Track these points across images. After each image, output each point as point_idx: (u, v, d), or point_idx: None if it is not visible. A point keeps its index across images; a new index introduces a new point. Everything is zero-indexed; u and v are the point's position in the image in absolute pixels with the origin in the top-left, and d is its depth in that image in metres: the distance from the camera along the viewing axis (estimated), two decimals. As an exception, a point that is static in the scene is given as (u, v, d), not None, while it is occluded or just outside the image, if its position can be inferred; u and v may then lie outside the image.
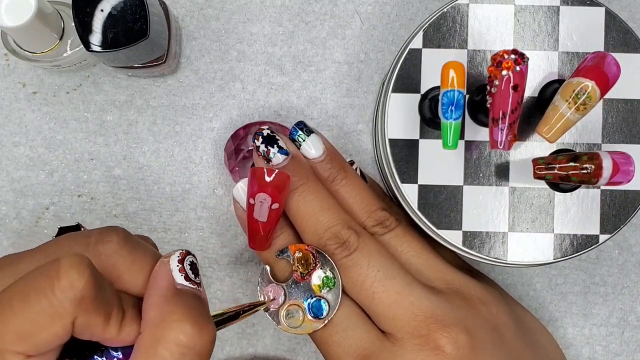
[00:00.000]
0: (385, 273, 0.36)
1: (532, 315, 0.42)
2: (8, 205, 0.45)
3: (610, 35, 0.38)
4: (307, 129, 0.40)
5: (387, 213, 0.39)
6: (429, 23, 0.39)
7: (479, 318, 0.37)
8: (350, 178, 0.40)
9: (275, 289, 0.37)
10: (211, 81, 0.46)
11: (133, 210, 0.46)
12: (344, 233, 0.37)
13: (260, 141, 0.38)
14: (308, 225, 0.38)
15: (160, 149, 0.46)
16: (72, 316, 0.25)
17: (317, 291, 0.37)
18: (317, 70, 0.46)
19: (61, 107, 0.46)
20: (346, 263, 0.37)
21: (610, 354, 0.46)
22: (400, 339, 0.35)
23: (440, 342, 0.35)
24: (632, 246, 0.46)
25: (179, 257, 0.30)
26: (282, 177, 0.35)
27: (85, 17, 0.37)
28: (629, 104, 0.38)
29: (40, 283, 0.25)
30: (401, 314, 0.35)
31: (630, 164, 0.33)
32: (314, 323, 0.36)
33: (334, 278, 0.37)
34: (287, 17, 0.46)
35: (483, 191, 0.38)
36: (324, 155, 0.40)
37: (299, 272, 0.37)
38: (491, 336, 0.36)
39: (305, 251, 0.37)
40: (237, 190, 0.39)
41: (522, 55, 0.33)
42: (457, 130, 0.34)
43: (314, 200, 0.38)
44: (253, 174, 0.35)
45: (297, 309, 0.37)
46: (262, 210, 0.36)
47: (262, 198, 0.35)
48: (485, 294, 0.38)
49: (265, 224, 0.36)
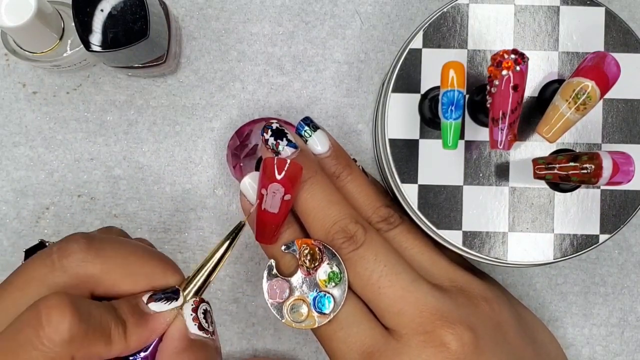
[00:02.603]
0: (391, 268, 0.36)
1: (533, 314, 0.42)
2: (8, 205, 0.45)
3: (610, 35, 0.38)
4: (314, 124, 0.40)
5: (391, 210, 0.39)
6: (429, 23, 0.39)
7: (483, 316, 0.37)
8: (355, 175, 0.40)
9: (280, 283, 0.37)
10: (211, 81, 0.46)
11: (133, 210, 0.46)
12: (352, 227, 0.37)
13: (270, 134, 0.38)
14: (315, 219, 0.38)
15: (160, 149, 0.46)
16: (69, 356, 0.25)
17: (323, 286, 0.37)
18: (317, 70, 0.46)
19: (61, 107, 0.46)
20: (353, 257, 0.37)
21: (610, 354, 0.46)
22: (404, 335, 0.35)
23: (445, 338, 0.35)
24: (632, 246, 0.46)
25: (193, 306, 0.30)
26: (295, 168, 0.35)
27: (85, 17, 0.37)
28: (629, 104, 0.38)
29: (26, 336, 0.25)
30: (406, 309, 0.35)
31: (630, 164, 0.33)
32: (318, 318, 0.36)
33: (340, 273, 0.37)
34: (287, 17, 0.46)
35: (483, 191, 0.38)
36: (330, 151, 0.40)
37: (305, 267, 0.37)
38: (494, 334, 0.37)
39: (312, 245, 0.37)
40: (244, 184, 0.38)
41: (522, 55, 0.33)
42: (457, 130, 0.34)
43: (322, 194, 0.38)
44: (266, 164, 0.35)
45: (302, 303, 0.37)
46: (275, 201, 0.35)
47: (275, 188, 0.35)
48: (488, 292, 0.38)
49: (276, 215, 0.36)
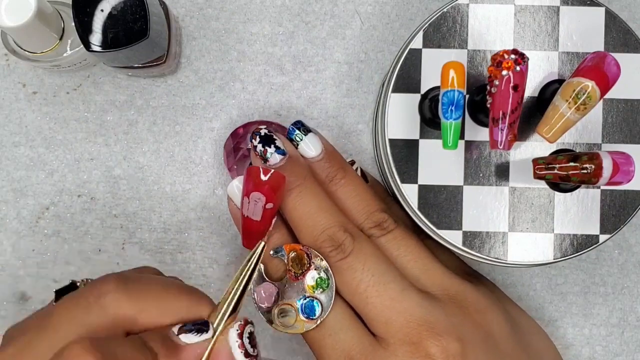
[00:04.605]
0: (379, 278, 0.36)
1: (530, 321, 0.42)
2: (8, 205, 0.45)
3: (610, 35, 0.38)
4: (305, 128, 0.40)
5: (385, 215, 0.39)
6: (429, 23, 0.39)
7: (473, 326, 0.36)
8: (349, 178, 0.40)
9: (268, 287, 0.37)
10: (211, 81, 0.46)
11: (133, 210, 0.46)
12: (340, 235, 0.37)
13: (258, 141, 0.38)
14: (304, 226, 0.38)
15: (160, 149, 0.46)
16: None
17: (311, 292, 0.37)
18: (317, 70, 0.46)
19: (61, 107, 0.46)
20: (341, 266, 0.36)
21: (610, 354, 0.46)
22: (392, 344, 0.35)
23: (430, 350, 0.34)
24: (632, 246, 0.46)
25: (238, 331, 0.30)
26: (278, 177, 0.35)
27: (85, 17, 0.37)
28: (629, 104, 0.38)
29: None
30: (394, 319, 0.35)
31: (630, 164, 0.33)
32: (306, 323, 0.36)
33: (328, 279, 0.37)
34: (287, 17, 0.46)
35: (483, 191, 0.38)
36: (322, 154, 0.40)
37: (293, 272, 0.37)
38: (484, 344, 0.36)
39: (300, 251, 0.37)
40: (231, 187, 0.39)
41: (522, 55, 0.33)
42: (457, 130, 0.34)
43: (311, 201, 0.38)
44: (249, 173, 0.35)
45: (290, 308, 0.37)
46: (257, 209, 0.35)
47: (257, 197, 0.35)
48: (481, 301, 0.38)
49: (259, 223, 0.36)
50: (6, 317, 0.45)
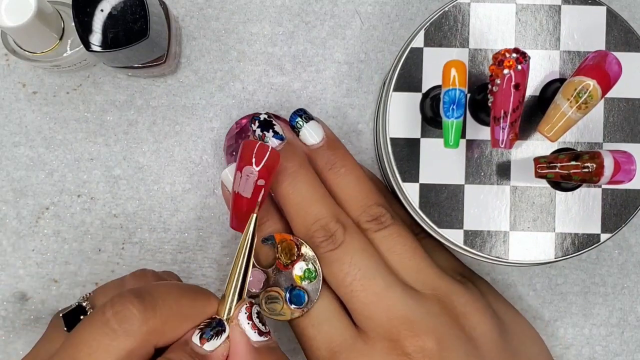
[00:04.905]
0: (365, 272, 0.36)
1: (522, 323, 0.41)
2: (8, 205, 0.45)
3: (611, 34, 0.38)
4: (307, 115, 0.40)
5: (383, 209, 0.39)
6: (430, 22, 0.39)
7: (455, 328, 0.36)
8: (349, 168, 0.39)
9: (257, 273, 0.37)
10: (211, 81, 0.46)
11: (133, 210, 0.46)
12: (332, 226, 0.37)
13: (257, 125, 0.38)
14: (297, 215, 0.38)
15: (160, 149, 0.46)
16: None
17: (298, 282, 0.37)
18: (317, 70, 0.46)
19: (61, 107, 0.46)
20: (329, 257, 0.37)
21: (610, 354, 0.46)
22: (372, 338, 0.35)
23: (407, 349, 0.35)
24: (632, 246, 0.46)
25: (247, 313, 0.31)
26: (273, 154, 0.35)
27: (85, 17, 0.37)
28: (630, 102, 0.38)
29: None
30: (376, 315, 0.36)
31: (631, 163, 0.33)
32: (292, 312, 0.37)
33: (316, 271, 0.37)
34: (287, 17, 0.46)
35: (484, 190, 0.38)
36: (324, 141, 0.40)
37: (282, 261, 0.37)
38: (465, 348, 0.36)
39: (290, 241, 0.37)
40: (225, 174, 0.39)
41: (524, 54, 0.33)
42: (459, 129, 0.34)
43: (306, 190, 0.37)
44: (244, 146, 0.35)
45: (277, 295, 0.37)
46: (248, 185, 0.35)
47: (249, 172, 0.35)
48: (469, 304, 0.38)
49: (249, 200, 0.35)
50: (6, 317, 0.45)
